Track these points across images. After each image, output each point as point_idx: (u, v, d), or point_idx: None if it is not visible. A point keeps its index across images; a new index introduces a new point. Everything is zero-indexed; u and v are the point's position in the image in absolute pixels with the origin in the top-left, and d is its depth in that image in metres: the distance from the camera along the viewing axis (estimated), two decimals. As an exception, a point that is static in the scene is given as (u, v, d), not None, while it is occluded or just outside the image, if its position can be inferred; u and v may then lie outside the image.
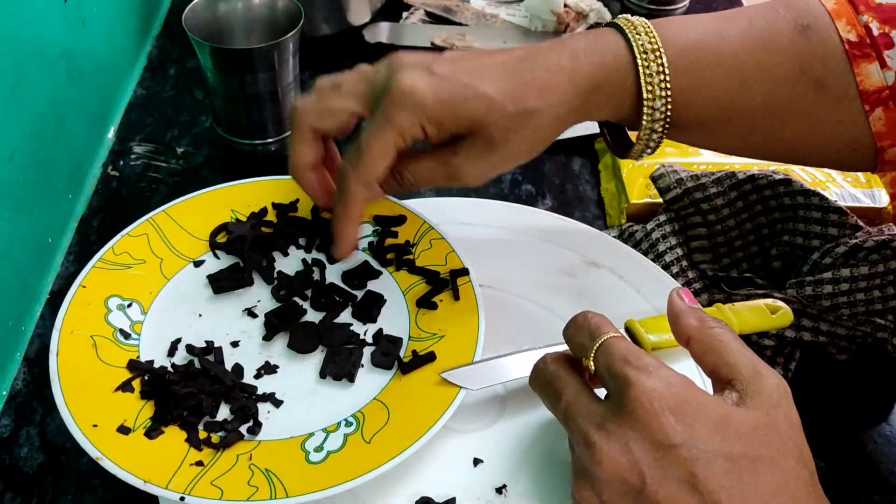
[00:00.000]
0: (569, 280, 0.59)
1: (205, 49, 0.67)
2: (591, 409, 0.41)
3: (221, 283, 0.55)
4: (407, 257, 0.57)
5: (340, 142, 0.56)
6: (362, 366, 0.51)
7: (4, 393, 0.59)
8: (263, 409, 0.49)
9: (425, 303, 0.54)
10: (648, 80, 0.50)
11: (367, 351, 0.52)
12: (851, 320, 0.59)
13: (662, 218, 0.64)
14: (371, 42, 0.86)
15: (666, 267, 0.62)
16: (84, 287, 0.53)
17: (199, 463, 0.45)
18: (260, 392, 0.50)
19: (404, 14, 0.91)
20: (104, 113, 0.78)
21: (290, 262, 0.58)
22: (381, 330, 0.53)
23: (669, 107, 0.51)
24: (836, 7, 0.51)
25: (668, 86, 0.50)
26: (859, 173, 0.71)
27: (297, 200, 0.60)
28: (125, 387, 0.49)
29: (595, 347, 0.43)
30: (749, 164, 0.71)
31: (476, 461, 0.49)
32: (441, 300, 0.54)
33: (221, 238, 0.58)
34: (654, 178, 0.66)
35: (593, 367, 0.43)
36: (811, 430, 0.58)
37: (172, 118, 0.80)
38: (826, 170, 0.71)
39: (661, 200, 0.66)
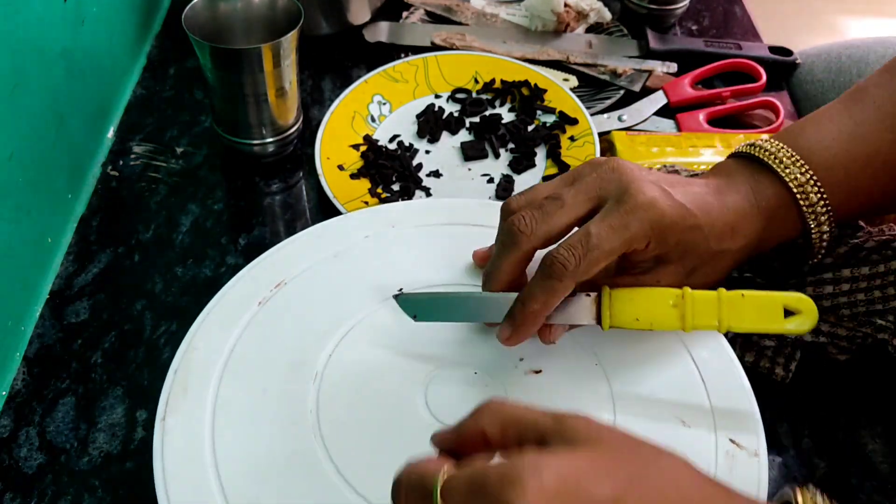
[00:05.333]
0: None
1: (204, 49, 0.67)
2: None
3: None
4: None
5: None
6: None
7: (4, 393, 0.59)
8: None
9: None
10: (809, 209, 0.52)
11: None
12: (852, 321, 0.58)
13: (663, 218, 0.64)
14: (371, 41, 0.86)
15: (666, 267, 0.62)
16: (366, 83, 0.79)
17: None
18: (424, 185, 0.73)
19: (404, 13, 0.91)
20: (104, 113, 0.78)
21: None
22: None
23: (833, 220, 0.53)
24: None
25: (829, 206, 0.53)
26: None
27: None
28: (356, 147, 0.74)
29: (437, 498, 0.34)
30: (749, 163, 0.71)
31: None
32: None
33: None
34: (655, 178, 0.66)
35: None
36: (811, 430, 0.58)
37: (172, 118, 0.80)
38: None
39: (661, 200, 0.65)
